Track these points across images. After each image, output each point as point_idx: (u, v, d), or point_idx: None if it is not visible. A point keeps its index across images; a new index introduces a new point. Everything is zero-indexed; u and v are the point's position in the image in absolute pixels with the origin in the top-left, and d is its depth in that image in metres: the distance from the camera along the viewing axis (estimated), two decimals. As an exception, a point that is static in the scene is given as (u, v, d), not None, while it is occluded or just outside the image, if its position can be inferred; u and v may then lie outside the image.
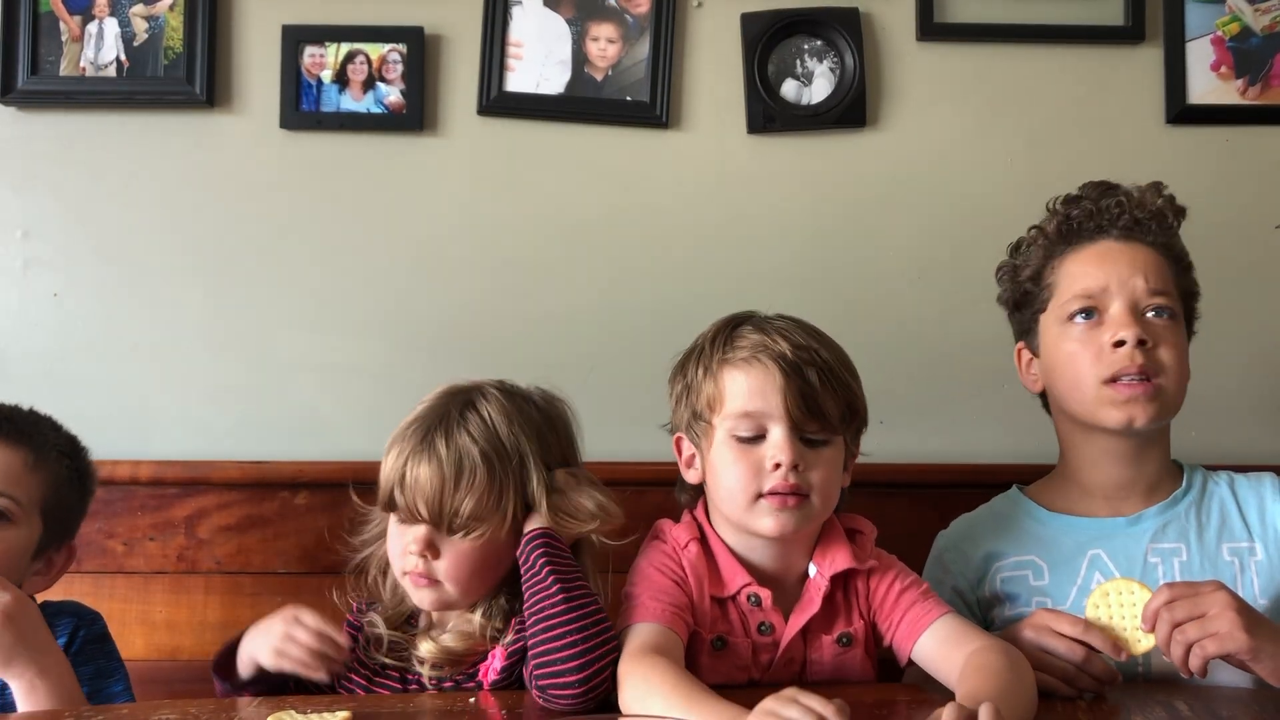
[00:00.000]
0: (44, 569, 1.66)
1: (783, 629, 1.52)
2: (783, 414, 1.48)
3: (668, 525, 1.60)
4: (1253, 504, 1.70)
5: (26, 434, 1.64)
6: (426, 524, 1.52)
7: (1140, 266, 1.68)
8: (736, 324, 1.57)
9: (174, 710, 1.41)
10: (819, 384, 1.48)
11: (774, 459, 1.48)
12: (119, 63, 2.18)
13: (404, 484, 1.52)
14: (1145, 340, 1.64)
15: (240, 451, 2.11)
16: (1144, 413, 1.64)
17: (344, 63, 2.18)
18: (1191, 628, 1.43)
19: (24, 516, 1.59)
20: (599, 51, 2.21)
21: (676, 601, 1.49)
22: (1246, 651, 1.41)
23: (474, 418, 1.55)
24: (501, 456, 1.53)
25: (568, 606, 1.43)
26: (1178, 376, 1.66)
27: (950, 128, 2.23)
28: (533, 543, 1.50)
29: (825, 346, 1.54)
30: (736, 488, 1.51)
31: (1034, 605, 1.66)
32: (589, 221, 2.20)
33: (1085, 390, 1.68)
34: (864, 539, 1.59)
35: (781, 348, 1.50)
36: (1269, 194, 2.24)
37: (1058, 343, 1.72)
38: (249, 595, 2.04)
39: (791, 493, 1.48)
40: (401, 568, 1.55)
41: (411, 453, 1.53)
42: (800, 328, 1.55)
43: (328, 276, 2.18)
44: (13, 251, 2.16)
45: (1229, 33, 2.24)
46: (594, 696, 1.40)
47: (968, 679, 1.38)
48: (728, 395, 1.52)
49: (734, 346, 1.53)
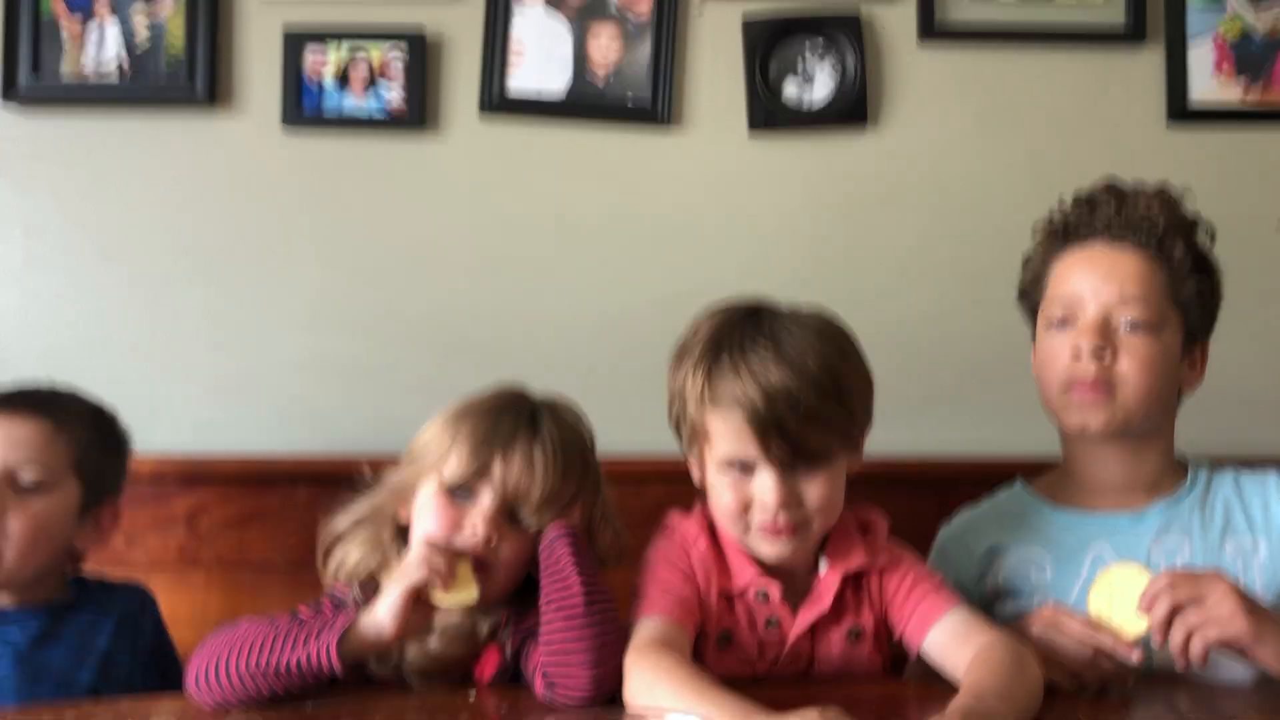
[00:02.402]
0: (94, 528, 1.71)
1: (790, 624, 1.51)
2: (765, 461, 1.45)
3: (678, 519, 1.59)
4: (1257, 501, 1.70)
5: (45, 405, 1.67)
6: (498, 509, 1.52)
7: (1119, 274, 1.66)
8: (718, 351, 1.48)
9: (174, 704, 1.42)
10: (797, 427, 1.43)
11: (762, 498, 1.46)
12: (120, 63, 2.18)
13: (493, 466, 1.52)
14: (1103, 354, 1.63)
15: (241, 446, 2.12)
16: (1095, 419, 1.64)
17: (345, 63, 2.19)
18: (1192, 613, 1.43)
19: (56, 482, 1.64)
20: (600, 52, 2.21)
21: (685, 596, 1.49)
22: (1247, 637, 1.41)
23: (554, 423, 1.57)
24: (584, 465, 1.57)
25: (588, 602, 1.42)
26: (1139, 388, 1.63)
27: (951, 129, 2.24)
28: (561, 538, 1.49)
29: (804, 376, 1.43)
30: (729, 517, 1.50)
31: (1037, 600, 1.65)
32: (590, 221, 2.20)
33: (1051, 393, 1.70)
34: (876, 533, 1.58)
35: (753, 398, 1.42)
36: (1270, 195, 2.25)
37: (1040, 344, 1.74)
38: (249, 589, 2.04)
39: (785, 529, 1.47)
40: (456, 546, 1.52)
41: (505, 435, 1.53)
42: (780, 357, 1.45)
43: (328, 275, 2.18)
44: (14, 250, 2.17)
45: (1230, 34, 2.25)
46: (602, 694, 1.39)
47: (971, 673, 1.38)
48: (713, 436, 1.48)
49: (713, 389, 1.47)
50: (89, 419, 1.71)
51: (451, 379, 2.10)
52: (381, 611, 1.42)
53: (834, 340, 1.52)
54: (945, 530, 1.81)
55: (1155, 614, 1.45)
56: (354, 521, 1.60)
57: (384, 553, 1.57)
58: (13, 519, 1.59)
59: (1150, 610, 1.46)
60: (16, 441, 1.62)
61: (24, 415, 1.64)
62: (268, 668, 1.37)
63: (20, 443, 1.62)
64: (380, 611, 1.42)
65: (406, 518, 1.58)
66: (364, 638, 1.42)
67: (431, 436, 1.58)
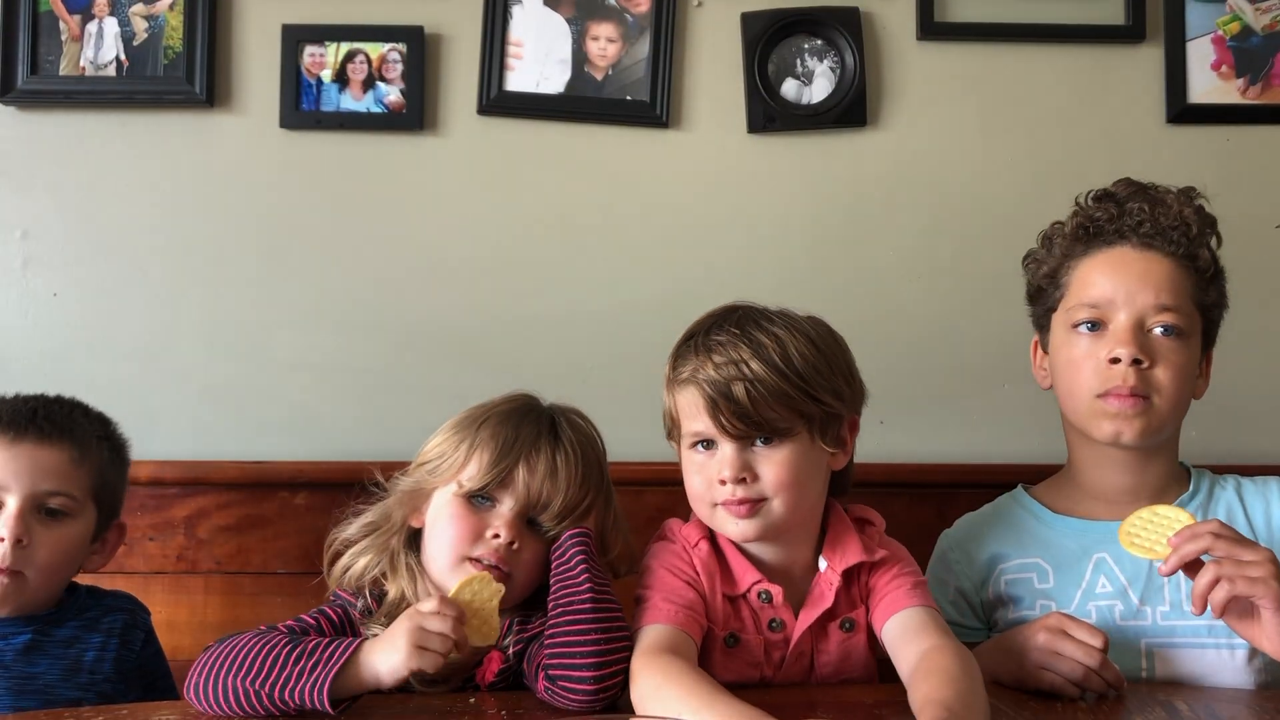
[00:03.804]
0: (100, 549, 1.73)
1: (793, 625, 1.52)
2: (720, 433, 1.49)
3: (677, 525, 1.60)
4: (1259, 508, 1.70)
5: (66, 428, 1.67)
6: (519, 515, 1.53)
7: (1152, 280, 1.65)
8: (686, 341, 1.55)
9: (174, 710, 1.41)
10: (748, 398, 1.46)
11: (719, 474, 1.49)
12: (119, 62, 2.18)
13: (516, 473, 1.53)
14: (1141, 360, 1.62)
15: (240, 451, 2.11)
16: (1131, 428, 1.63)
17: (344, 62, 2.18)
18: (1228, 563, 1.42)
19: (80, 509, 1.65)
20: (599, 51, 2.21)
21: (689, 602, 1.49)
22: (1274, 601, 1.40)
23: (572, 431, 1.59)
24: (600, 474, 1.59)
25: (594, 605, 1.43)
26: (1172, 395, 1.63)
27: (950, 127, 2.23)
28: (573, 540, 1.50)
29: (761, 360, 1.47)
30: (697, 497, 1.53)
31: (1038, 608, 1.65)
32: (589, 221, 2.20)
33: (1079, 400, 1.67)
34: (873, 530, 1.59)
35: (708, 370, 1.48)
36: (1269, 193, 2.24)
37: (1061, 348, 1.71)
38: (249, 595, 2.04)
39: (740, 504, 1.49)
40: (476, 552, 1.53)
41: (528, 443, 1.54)
42: (742, 338, 1.49)
43: (327, 276, 2.18)
44: (12, 251, 2.16)
45: (1229, 32, 2.24)
46: (604, 698, 1.39)
47: (924, 681, 1.35)
48: (680, 417, 1.53)
49: (676, 370, 1.54)
50: (105, 443, 1.72)
51: (451, 379, 2.12)
52: (383, 667, 1.36)
53: (807, 333, 1.53)
54: (946, 536, 1.81)
55: (1186, 548, 1.44)
56: (363, 527, 1.60)
57: (393, 559, 1.57)
58: (40, 546, 1.59)
59: (1180, 545, 1.45)
60: (46, 471, 1.62)
61: (52, 442, 1.64)
62: (261, 693, 1.36)
63: (50, 472, 1.62)
64: (381, 666, 1.36)
65: (418, 524, 1.59)
66: (361, 682, 1.37)
67: (446, 443, 1.58)
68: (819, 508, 1.57)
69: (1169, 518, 1.51)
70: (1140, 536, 1.51)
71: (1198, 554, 1.45)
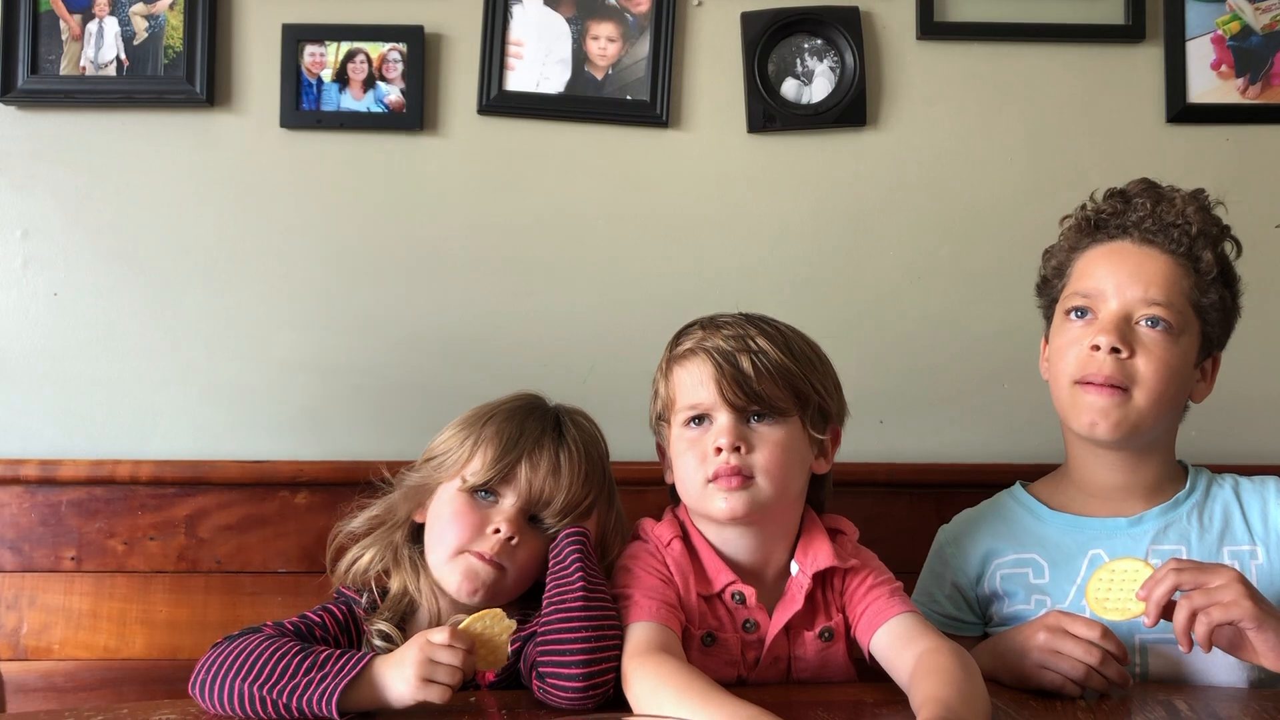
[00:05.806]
0: None
1: (767, 626, 1.54)
2: (720, 400, 1.52)
3: (649, 524, 1.62)
4: (1255, 507, 1.70)
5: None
6: (521, 511, 1.55)
7: (1145, 274, 1.66)
8: (689, 325, 1.62)
9: (174, 710, 1.42)
10: (753, 369, 1.52)
11: (715, 443, 1.52)
12: (119, 62, 2.18)
13: (519, 469, 1.55)
14: (1121, 350, 1.62)
15: (240, 451, 2.11)
16: (1106, 421, 1.63)
17: (344, 62, 2.18)
18: (1198, 594, 1.43)
19: None
20: (599, 50, 2.21)
21: (668, 599, 1.50)
22: (1252, 620, 1.40)
23: (575, 430, 1.61)
24: (603, 474, 1.62)
25: (586, 603, 1.44)
26: (1154, 390, 1.63)
27: (950, 127, 2.23)
28: (569, 539, 1.52)
29: (766, 337, 1.55)
30: (688, 476, 1.55)
31: (1033, 603, 1.66)
32: (589, 221, 2.20)
33: (1061, 387, 1.69)
34: (845, 539, 1.61)
35: (715, 340, 1.55)
36: (1269, 193, 2.24)
37: (1055, 336, 1.73)
38: (249, 595, 2.04)
39: (734, 474, 1.51)
40: (476, 546, 1.54)
41: (532, 439, 1.56)
42: (747, 321, 1.58)
43: (328, 275, 2.17)
44: (12, 250, 2.16)
45: (1229, 32, 2.24)
46: (594, 695, 1.39)
47: (923, 682, 1.36)
48: (677, 393, 1.57)
49: (679, 346, 1.59)
50: None
51: (450, 379, 2.12)
52: (390, 694, 1.36)
53: (802, 335, 1.61)
54: (943, 532, 1.82)
55: (1156, 593, 1.44)
56: (368, 520, 1.62)
57: (395, 554, 1.60)
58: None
59: (1150, 594, 1.45)
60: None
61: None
62: (269, 699, 1.36)
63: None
64: (389, 692, 1.36)
65: (421, 519, 1.61)
66: (368, 698, 1.37)
67: (452, 439, 1.60)
68: (798, 507, 1.60)
69: (1127, 570, 1.52)
70: (1110, 600, 1.51)
71: (1170, 595, 1.45)
